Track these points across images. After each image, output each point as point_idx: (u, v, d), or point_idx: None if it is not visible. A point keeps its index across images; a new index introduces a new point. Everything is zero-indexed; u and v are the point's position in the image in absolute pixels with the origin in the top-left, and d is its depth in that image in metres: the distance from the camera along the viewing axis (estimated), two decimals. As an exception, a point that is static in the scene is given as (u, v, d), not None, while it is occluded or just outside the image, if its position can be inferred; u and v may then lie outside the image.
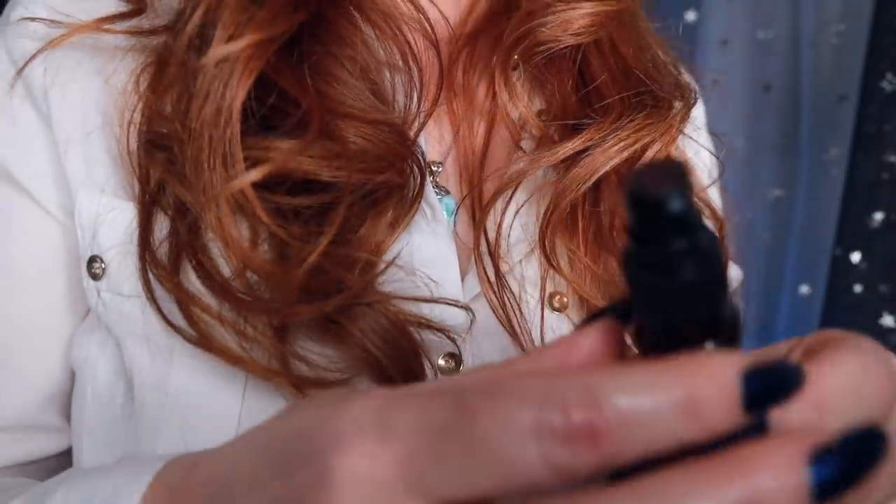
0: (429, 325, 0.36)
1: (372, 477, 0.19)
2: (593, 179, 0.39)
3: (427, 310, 0.36)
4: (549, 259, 0.40)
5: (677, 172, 0.18)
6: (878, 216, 0.92)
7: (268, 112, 0.35)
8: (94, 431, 0.38)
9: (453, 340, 0.37)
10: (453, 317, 0.37)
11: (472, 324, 0.38)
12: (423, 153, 0.39)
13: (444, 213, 0.40)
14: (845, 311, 0.94)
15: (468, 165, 0.42)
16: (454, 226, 0.41)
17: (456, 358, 0.38)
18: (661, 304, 0.19)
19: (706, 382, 0.18)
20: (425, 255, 0.38)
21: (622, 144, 0.39)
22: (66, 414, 0.41)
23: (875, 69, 0.90)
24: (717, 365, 0.18)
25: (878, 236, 0.92)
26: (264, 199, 0.34)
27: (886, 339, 0.94)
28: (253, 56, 0.34)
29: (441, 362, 0.38)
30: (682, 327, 0.19)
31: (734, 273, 0.53)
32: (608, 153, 0.39)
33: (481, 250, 0.39)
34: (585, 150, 0.39)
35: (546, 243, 0.40)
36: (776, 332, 1.07)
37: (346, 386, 0.35)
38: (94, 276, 0.37)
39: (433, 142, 0.43)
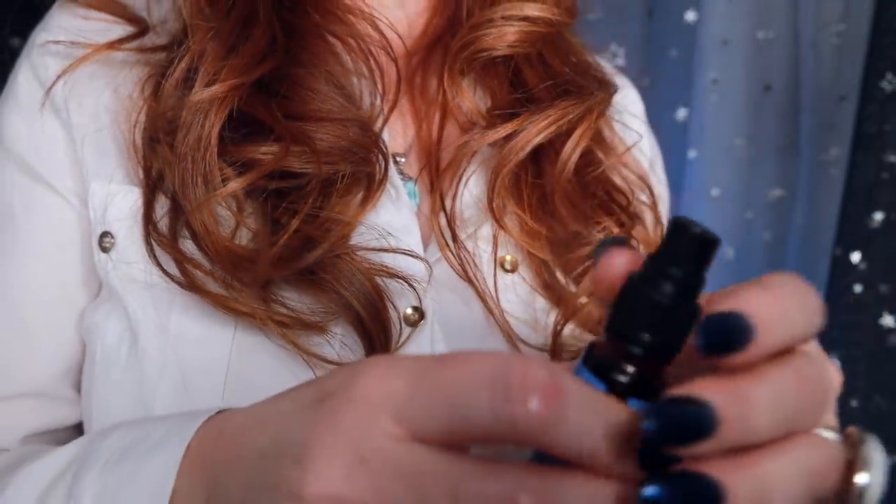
0: (392, 273, 0.42)
1: (375, 398, 0.24)
2: (528, 148, 0.48)
3: (391, 261, 0.43)
4: (498, 220, 0.47)
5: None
6: (878, 216, 0.92)
7: (246, 131, 0.43)
8: (102, 391, 0.44)
9: (414, 288, 0.43)
10: (411, 267, 0.44)
11: (430, 275, 0.45)
12: (384, 143, 0.46)
13: (407, 195, 0.47)
14: (845, 311, 0.94)
15: (428, 154, 0.50)
16: (418, 206, 0.48)
17: (419, 310, 0.44)
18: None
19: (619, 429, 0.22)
20: (391, 227, 0.45)
21: (550, 120, 0.48)
22: (79, 387, 0.48)
23: (875, 69, 0.89)
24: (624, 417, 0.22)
25: (878, 236, 0.92)
26: (247, 190, 0.42)
27: (886, 339, 0.93)
28: (227, 96, 0.42)
29: (408, 311, 0.44)
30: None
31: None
32: (538, 127, 0.48)
33: (440, 221, 0.46)
34: (522, 129, 0.48)
35: (494, 207, 0.47)
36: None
37: (319, 330, 0.41)
38: (105, 250, 0.44)
39: (397, 136, 0.51)
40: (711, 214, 1.07)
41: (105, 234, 0.44)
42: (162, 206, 0.43)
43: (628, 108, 0.60)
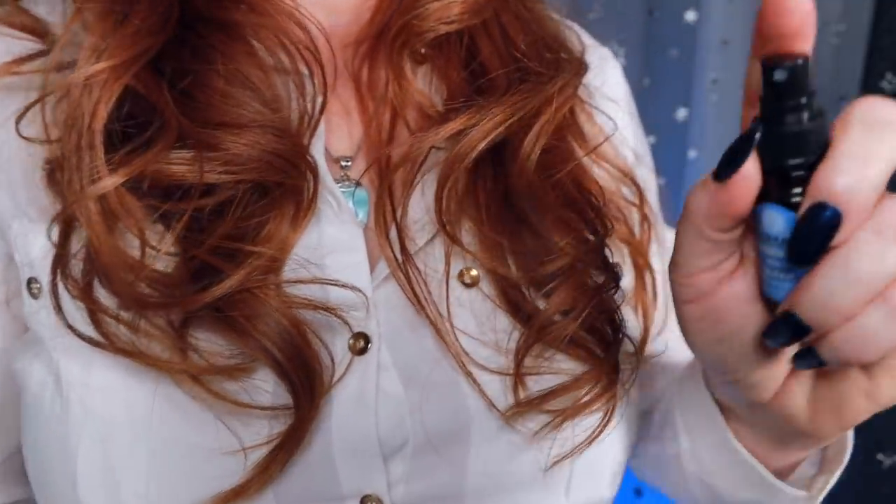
0: (317, 306, 0.38)
1: None
2: (479, 149, 0.41)
3: (329, 293, 0.39)
4: (449, 233, 0.41)
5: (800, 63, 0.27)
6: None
7: (135, 127, 0.37)
8: (30, 437, 0.40)
9: (347, 322, 0.39)
10: (348, 297, 0.39)
11: (368, 302, 0.39)
12: (318, 152, 0.41)
13: (353, 204, 0.42)
14: (845, 311, 0.94)
15: (383, 157, 0.43)
16: (368, 216, 0.42)
17: (364, 336, 0.39)
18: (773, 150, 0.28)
19: None
20: (335, 244, 0.40)
21: (501, 116, 0.41)
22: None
23: (875, 69, 0.90)
24: None
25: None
26: (150, 206, 0.37)
27: (886, 339, 0.93)
28: (110, 78, 0.37)
29: (351, 341, 0.39)
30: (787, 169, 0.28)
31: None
32: (488, 124, 0.41)
33: (390, 234, 0.41)
34: (471, 126, 0.41)
35: (444, 219, 0.41)
36: (776, 332, 1.07)
37: (243, 373, 0.37)
38: (34, 296, 0.39)
39: (343, 138, 0.45)
40: (711, 214, 1.07)
41: (32, 280, 0.39)
42: (79, 242, 0.38)
43: (605, 90, 0.53)
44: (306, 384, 0.37)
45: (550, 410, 0.40)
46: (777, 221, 0.28)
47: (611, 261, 0.44)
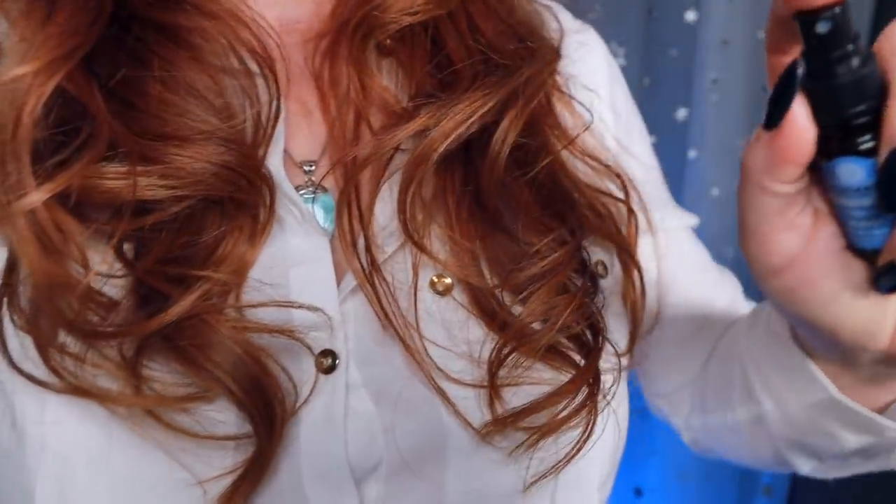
0: (280, 330, 0.35)
1: None
2: (436, 155, 0.38)
3: (293, 311, 0.36)
4: (416, 243, 0.38)
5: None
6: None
7: (67, 135, 0.34)
8: None
9: (308, 346, 0.36)
10: (309, 316, 0.37)
11: (332, 320, 0.37)
12: (267, 167, 0.38)
13: (318, 211, 0.40)
14: (845, 311, 0.94)
15: (347, 160, 0.40)
16: (334, 224, 0.40)
17: (331, 354, 0.37)
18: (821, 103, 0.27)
19: None
20: (300, 256, 0.38)
21: (461, 116, 0.38)
22: None
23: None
24: None
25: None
26: (91, 224, 0.34)
27: (886, 339, 0.93)
28: (35, 82, 0.33)
29: (318, 360, 0.37)
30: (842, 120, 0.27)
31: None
32: (446, 127, 0.38)
33: (357, 243, 0.38)
34: (433, 125, 0.38)
35: (410, 227, 0.38)
36: (776, 332, 1.07)
37: (201, 402, 0.34)
38: None
39: (306, 140, 0.42)
40: (711, 214, 1.07)
41: None
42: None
43: (582, 77, 0.50)
44: (265, 414, 0.35)
45: (527, 428, 0.38)
46: (856, 172, 0.28)
47: (589, 263, 0.42)
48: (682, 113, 1.09)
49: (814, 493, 1.12)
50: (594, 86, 0.50)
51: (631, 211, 0.47)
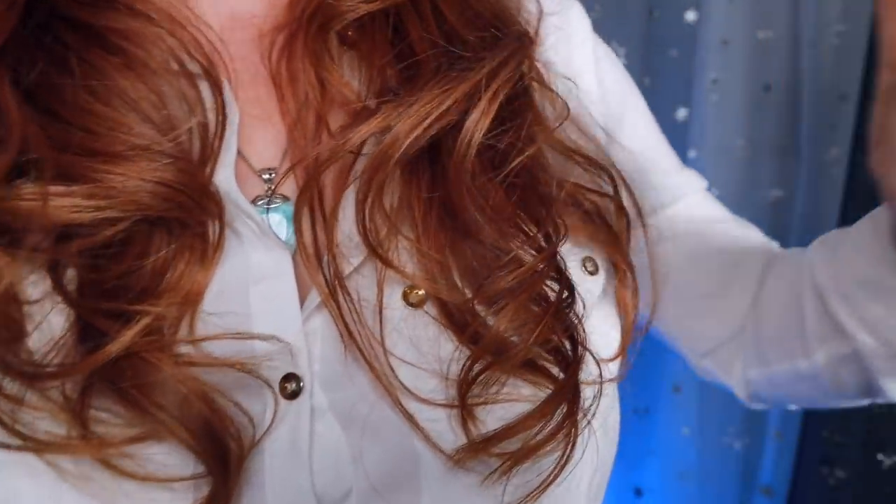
0: (232, 364, 0.32)
1: None
2: (394, 159, 0.35)
3: (254, 330, 0.34)
4: (380, 257, 0.35)
5: None
6: (878, 216, 0.92)
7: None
8: None
9: (264, 380, 0.33)
10: (267, 345, 0.34)
11: (292, 347, 0.34)
12: (215, 183, 0.35)
13: (285, 222, 0.37)
14: (845, 311, 0.94)
15: (308, 164, 0.37)
16: (296, 236, 0.36)
17: (295, 378, 0.35)
18: None
19: None
20: (261, 272, 0.35)
21: (419, 115, 0.35)
22: None
23: (875, 69, 0.89)
24: None
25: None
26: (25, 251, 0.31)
27: (886, 339, 0.93)
28: None
29: (281, 384, 0.34)
30: None
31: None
32: (403, 128, 0.35)
33: (322, 255, 0.35)
34: (390, 126, 0.35)
35: (372, 239, 0.35)
36: (776, 332, 1.07)
37: (151, 442, 0.32)
38: None
39: (266, 145, 0.39)
40: (711, 214, 1.07)
41: None
42: None
43: (560, 65, 0.46)
44: (218, 454, 0.32)
45: (500, 454, 0.36)
46: None
47: (565, 269, 0.39)
48: (682, 113, 1.09)
49: (814, 493, 1.12)
50: (576, 71, 0.47)
51: (621, 207, 0.44)
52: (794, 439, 1.12)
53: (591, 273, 0.42)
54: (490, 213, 0.37)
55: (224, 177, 0.36)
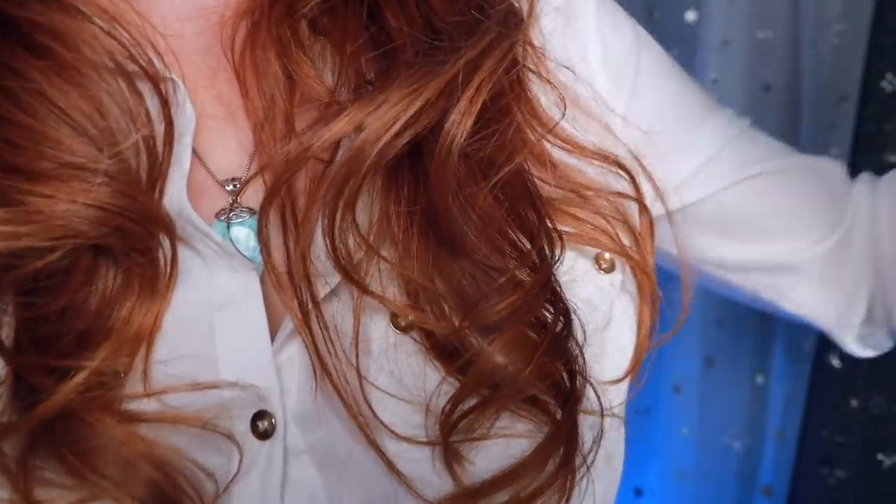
0: (187, 421, 0.29)
1: None
2: (365, 169, 0.30)
3: (219, 368, 0.30)
4: (355, 281, 0.31)
5: None
6: (878, 216, 0.92)
7: None
8: None
9: (226, 434, 0.30)
10: (245, 369, 0.31)
11: (258, 389, 0.31)
12: (164, 206, 0.31)
13: (252, 236, 0.33)
14: (845, 311, 0.94)
15: (274, 171, 0.33)
16: (262, 254, 0.33)
17: (266, 415, 0.31)
18: None
19: None
20: (226, 297, 0.32)
21: (391, 114, 0.30)
22: None
23: (875, 69, 0.89)
24: None
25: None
26: None
27: (886, 339, 0.93)
28: None
29: (256, 422, 0.31)
30: None
31: None
32: (373, 132, 0.30)
33: (294, 275, 0.31)
34: (362, 126, 0.31)
35: (343, 261, 0.31)
36: (776, 332, 1.07)
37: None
38: None
39: (229, 151, 0.35)
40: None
41: None
42: None
43: (558, 51, 0.39)
44: None
45: None
46: None
47: (560, 294, 0.35)
48: (682, 113, 1.09)
49: (814, 493, 1.12)
50: (576, 52, 0.41)
51: (644, 209, 0.39)
52: (794, 439, 1.12)
53: (606, 270, 0.38)
54: (479, 226, 0.33)
55: (175, 193, 0.32)
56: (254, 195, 0.34)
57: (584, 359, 0.35)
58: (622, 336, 0.38)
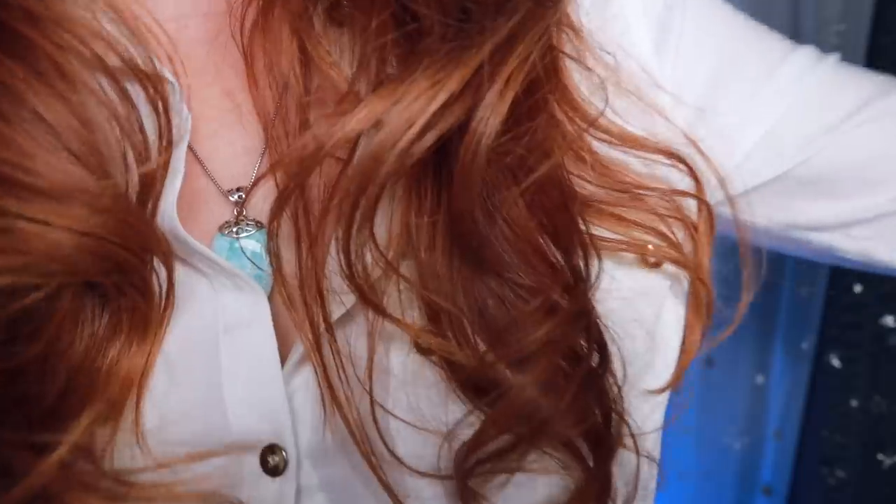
0: (179, 498, 0.25)
1: None
2: (384, 172, 0.26)
3: (228, 414, 0.27)
4: (373, 304, 0.28)
5: None
6: (878, 216, 0.92)
7: None
8: None
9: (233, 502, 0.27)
10: (254, 406, 0.27)
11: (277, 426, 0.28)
12: (160, 226, 0.28)
13: (261, 249, 0.30)
14: (845, 311, 0.94)
15: (286, 171, 0.29)
16: (274, 270, 0.30)
17: (277, 449, 0.28)
18: None
19: None
20: (232, 319, 0.28)
21: (405, 117, 0.26)
22: None
23: (875, 69, 0.89)
24: None
25: (877, 236, 0.92)
26: None
27: (886, 339, 0.93)
28: None
29: (266, 457, 0.29)
30: None
31: None
32: (393, 129, 0.26)
33: (306, 294, 0.28)
34: (382, 121, 0.26)
35: (359, 280, 0.27)
36: (776, 332, 1.07)
37: None
38: None
39: (232, 155, 0.31)
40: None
41: None
42: None
43: (599, 32, 0.34)
44: None
45: None
46: None
47: (594, 327, 0.30)
48: (682, 113, 1.09)
49: (814, 493, 1.12)
50: (618, 27, 0.35)
51: (704, 204, 0.34)
52: (794, 439, 1.12)
53: (654, 265, 0.34)
54: (509, 238, 0.29)
55: (167, 209, 0.28)
56: (261, 205, 0.31)
57: (622, 399, 0.31)
58: (668, 345, 0.35)
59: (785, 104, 0.38)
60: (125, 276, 0.25)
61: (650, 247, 0.33)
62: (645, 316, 0.33)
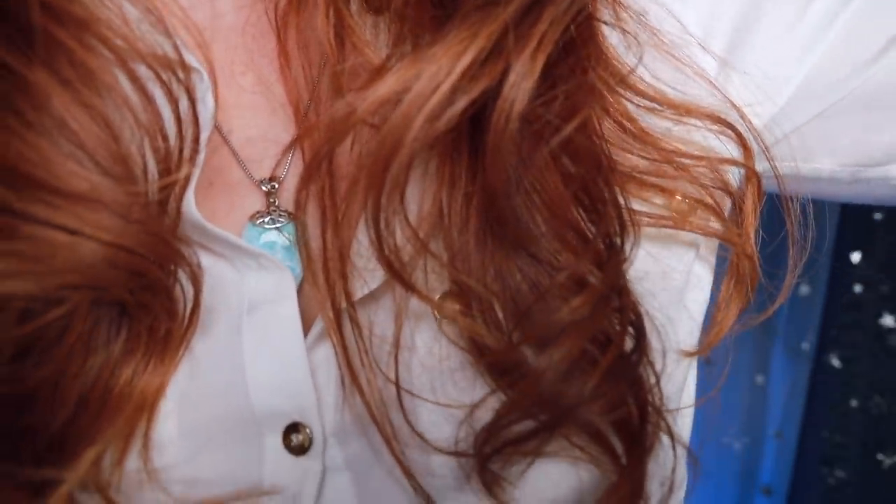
0: None
1: None
2: (409, 142, 0.25)
3: (249, 393, 0.27)
4: (403, 280, 0.26)
5: None
6: (878, 215, 0.92)
7: None
8: None
9: None
10: (279, 386, 0.27)
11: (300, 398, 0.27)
12: (183, 237, 0.26)
13: (290, 243, 0.29)
14: (845, 311, 0.94)
15: (316, 164, 0.28)
16: (301, 253, 0.29)
17: (301, 427, 0.27)
18: None
19: None
20: (257, 297, 0.28)
21: (430, 82, 0.25)
22: None
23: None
24: None
25: (878, 236, 0.92)
26: None
27: (886, 339, 0.93)
28: None
29: (289, 436, 0.28)
30: None
31: None
32: (417, 97, 0.25)
33: (330, 273, 0.27)
34: (405, 89, 0.25)
35: (390, 256, 0.26)
36: (776, 332, 1.07)
37: None
38: None
39: (267, 149, 0.30)
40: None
41: None
42: None
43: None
44: None
45: None
46: None
47: (631, 310, 0.28)
48: (682, 113, 1.09)
49: (814, 493, 1.12)
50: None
51: (752, 175, 0.32)
52: (794, 439, 1.12)
53: (688, 242, 0.32)
54: (544, 213, 0.27)
55: (187, 197, 0.27)
56: (286, 190, 0.30)
57: (661, 392, 0.29)
58: (694, 308, 0.33)
59: (828, 38, 0.34)
60: (151, 292, 0.24)
61: (692, 220, 0.31)
62: (673, 291, 0.32)
